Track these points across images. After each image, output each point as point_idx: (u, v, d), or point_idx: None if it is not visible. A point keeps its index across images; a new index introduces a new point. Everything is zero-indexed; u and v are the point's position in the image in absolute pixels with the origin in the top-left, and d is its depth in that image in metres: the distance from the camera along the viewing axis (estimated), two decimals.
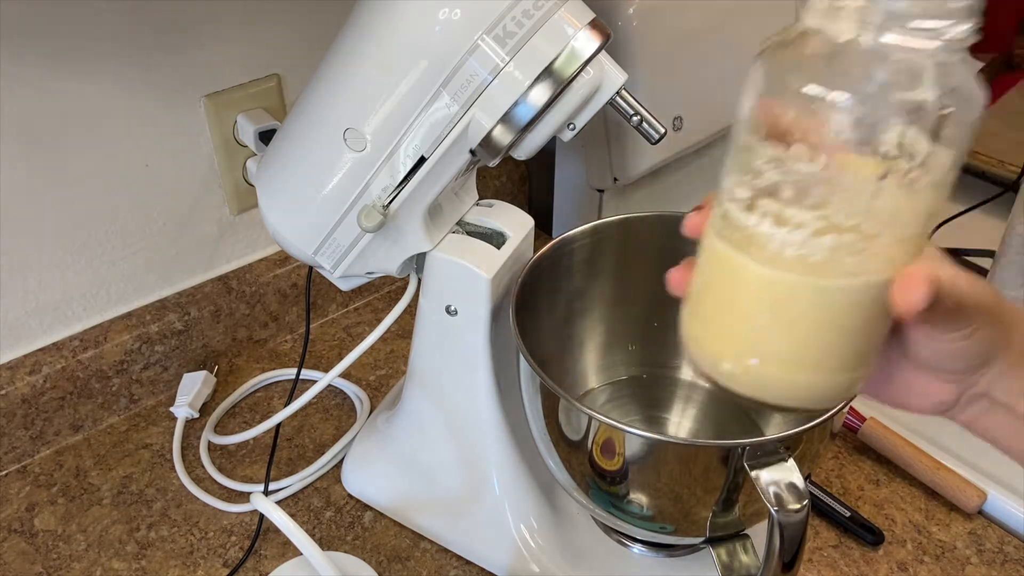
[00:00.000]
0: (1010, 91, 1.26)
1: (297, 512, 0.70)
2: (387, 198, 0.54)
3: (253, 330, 0.85)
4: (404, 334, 0.87)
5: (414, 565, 0.66)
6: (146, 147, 0.73)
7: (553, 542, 0.64)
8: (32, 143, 0.66)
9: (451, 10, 0.48)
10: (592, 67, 0.50)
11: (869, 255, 0.32)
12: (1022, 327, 0.39)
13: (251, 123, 0.74)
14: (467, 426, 0.63)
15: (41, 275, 0.71)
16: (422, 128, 0.51)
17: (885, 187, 0.31)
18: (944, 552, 0.67)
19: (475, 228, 0.61)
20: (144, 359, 0.78)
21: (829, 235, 0.32)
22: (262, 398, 0.82)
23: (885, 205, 0.32)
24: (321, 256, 0.58)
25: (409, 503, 0.68)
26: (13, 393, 0.71)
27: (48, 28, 0.64)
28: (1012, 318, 0.38)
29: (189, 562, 0.66)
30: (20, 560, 0.67)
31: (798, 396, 0.36)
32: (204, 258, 0.81)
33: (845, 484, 0.72)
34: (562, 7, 0.49)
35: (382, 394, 0.81)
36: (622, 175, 0.86)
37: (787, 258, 0.33)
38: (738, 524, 0.55)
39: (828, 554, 0.67)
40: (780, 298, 0.34)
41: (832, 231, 0.32)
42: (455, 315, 0.59)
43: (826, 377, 0.36)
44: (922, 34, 0.29)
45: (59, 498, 0.71)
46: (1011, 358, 0.39)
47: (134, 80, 0.69)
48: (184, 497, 0.71)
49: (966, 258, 0.94)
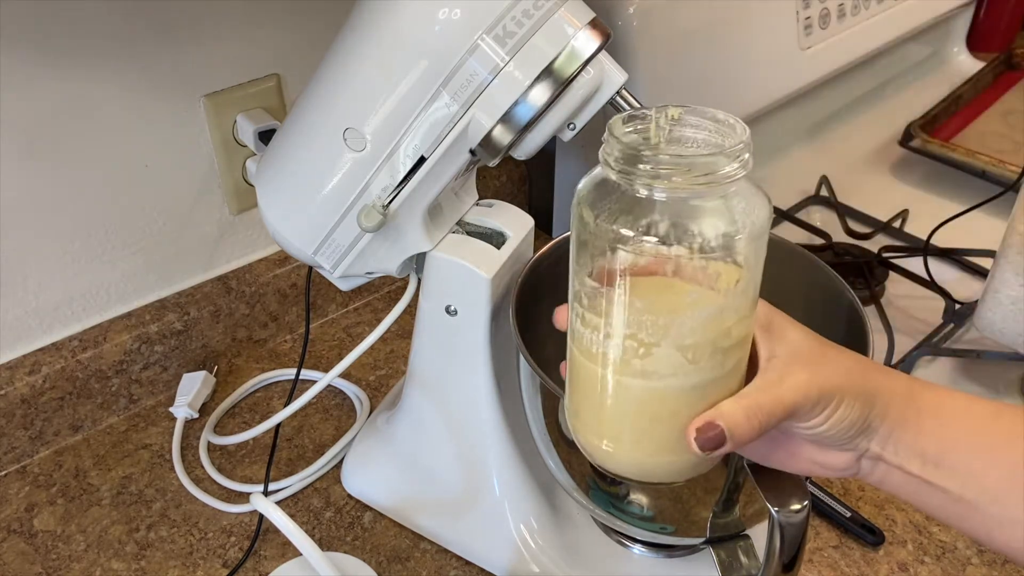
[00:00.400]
0: (1010, 91, 1.26)
1: (297, 512, 0.70)
2: (387, 198, 0.54)
3: (253, 330, 0.85)
4: (404, 334, 0.87)
5: (414, 565, 0.66)
6: (146, 147, 0.73)
7: (553, 542, 0.64)
8: (32, 143, 0.66)
9: (451, 10, 0.48)
10: (592, 67, 0.50)
11: (654, 359, 0.37)
12: (896, 393, 0.40)
13: (251, 123, 0.74)
14: (467, 426, 0.63)
15: (41, 275, 0.71)
16: (422, 128, 0.51)
17: (661, 303, 0.36)
18: (945, 552, 0.67)
19: (475, 228, 0.61)
20: (144, 359, 0.78)
21: (614, 339, 0.37)
22: (262, 398, 0.82)
23: (659, 318, 0.36)
24: (321, 256, 0.58)
25: (409, 503, 0.68)
26: (12, 393, 0.71)
27: (48, 28, 0.63)
28: (880, 388, 0.40)
29: (189, 562, 0.66)
30: (19, 560, 0.67)
31: (653, 474, 0.41)
32: (204, 258, 0.81)
33: (845, 484, 0.72)
34: (562, 7, 0.49)
35: (382, 394, 0.81)
36: None
37: (596, 355, 0.38)
38: (738, 524, 0.55)
39: (828, 554, 0.67)
40: (605, 389, 0.39)
41: (616, 336, 0.37)
42: (455, 315, 0.59)
43: (669, 458, 0.40)
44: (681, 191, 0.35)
45: (58, 498, 0.71)
46: (890, 422, 0.40)
47: (134, 80, 0.69)
48: (184, 497, 0.71)
49: (966, 258, 0.95)
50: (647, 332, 0.37)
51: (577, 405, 0.42)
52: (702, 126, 0.37)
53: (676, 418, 0.38)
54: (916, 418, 0.40)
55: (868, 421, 0.40)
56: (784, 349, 0.40)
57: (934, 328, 0.85)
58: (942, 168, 1.08)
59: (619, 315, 0.37)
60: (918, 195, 1.07)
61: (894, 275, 0.91)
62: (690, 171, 0.34)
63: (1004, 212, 0.76)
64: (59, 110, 0.67)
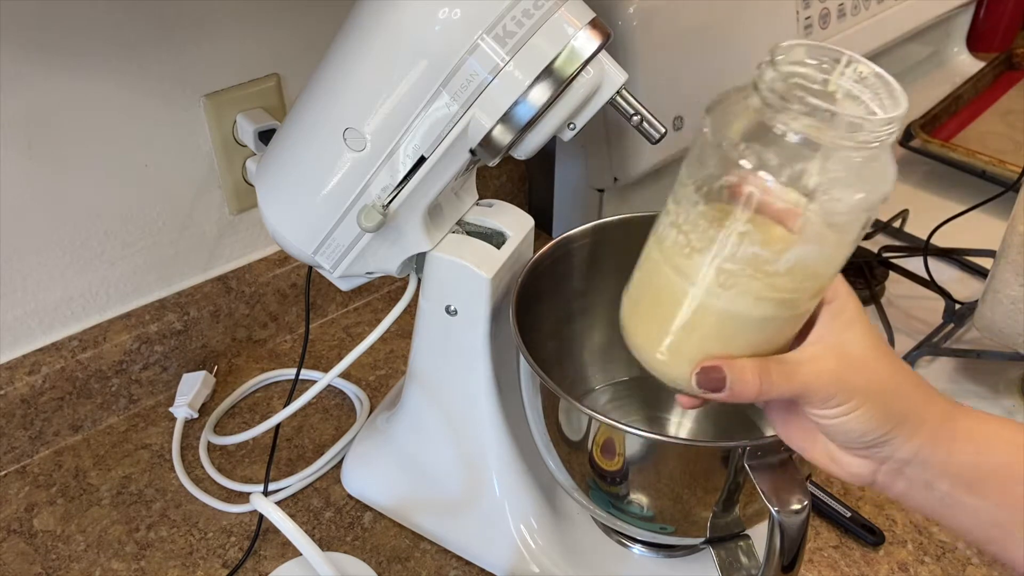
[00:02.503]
0: (1010, 91, 1.26)
1: (297, 512, 0.70)
2: (387, 198, 0.54)
3: (253, 330, 0.85)
4: (404, 334, 0.87)
5: (414, 565, 0.66)
6: (146, 147, 0.73)
7: (553, 542, 0.64)
8: (31, 143, 0.66)
9: (451, 10, 0.48)
10: (592, 67, 0.50)
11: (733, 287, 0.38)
12: (931, 415, 0.40)
13: (251, 123, 0.74)
14: (467, 426, 0.63)
15: (40, 275, 0.71)
16: (422, 128, 0.51)
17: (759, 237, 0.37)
18: (945, 552, 0.67)
19: (475, 228, 0.61)
20: (143, 359, 0.78)
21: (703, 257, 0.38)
22: (262, 398, 0.82)
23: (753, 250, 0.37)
24: (321, 256, 0.58)
25: (409, 503, 0.68)
26: (12, 393, 0.71)
27: (48, 28, 0.63)
28: (914, 409, 0.40)
29: (188, 563, 0.66)
30: (19, 560, 0.66)
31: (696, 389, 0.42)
32: (204, 258, 0.81)
33: (846, 484, 0.72)
34: (562, 7, 0.48)
35: (382, 394, 0.81)
36: (622, 175, 0.86)
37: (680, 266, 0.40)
38: (738, 524, 0.55)
39: (829, 554, 0.67)
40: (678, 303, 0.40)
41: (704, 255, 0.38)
42: (455, 315, 0.59)
43: None
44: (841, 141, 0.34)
45: (58, 498, 0.71)
46: (920, 441, 0.40)
47: (133, 80, 0.69)
48: (183, 497, 0.71)
49: (966, 258, 0.94)
50: (735, 261, 0.38)
51: (640, 308, 0.43)
52: (870, 86, 0.37)
53: (729, 344, 0.40)
54: (949, 441, 0.40)
55: (888, 438, 0.40)
56: (833, 339, 0.40)
57: (934, 328, 0.85)
58: (942, 168, 1.08)
59: (714, 236, 0.38)
60: (918, 195, 1.07)
61: (894, 275, 0.91)
62: (841, 128, 0.34)
63: (1004, 212, 0.76)
64: (59, 110, 0.67)
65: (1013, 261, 0.71)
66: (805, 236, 0.37)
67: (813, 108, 0.34)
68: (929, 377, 0.79)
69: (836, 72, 0.37)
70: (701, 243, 0.38)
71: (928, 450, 0.40)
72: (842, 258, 0.39)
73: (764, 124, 0.35)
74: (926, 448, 0.40)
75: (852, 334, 0.40)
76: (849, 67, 0.37)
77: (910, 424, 0.40)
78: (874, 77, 0.37)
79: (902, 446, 0.40)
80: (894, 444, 0.40)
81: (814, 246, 0.37)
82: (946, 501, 0.40)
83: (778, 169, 0.35)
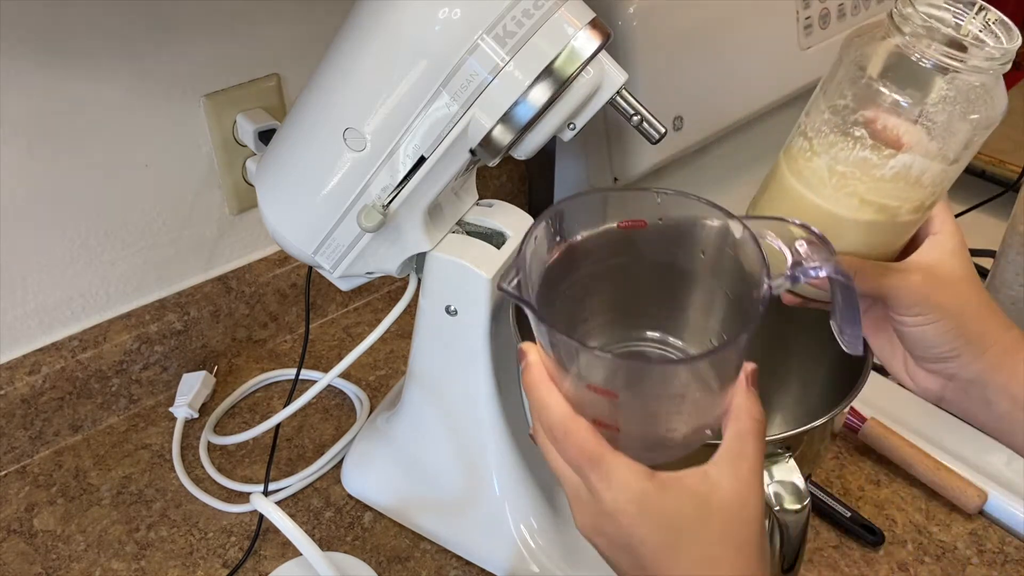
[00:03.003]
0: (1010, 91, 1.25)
1: (297, 512, 0.70)
2: (387, 198, 0.54)
3: (253, 330, 0.85)
4: (404, 334, 0.87)
5: (414, 565, 0.66)
6: (146, 147, 0.73)
7: (553, 542, 0.64)
8: (31, 143, 0.66)
9: (451, 10, 0.48)
10: (592, 67, 0.50)
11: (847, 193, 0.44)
12: (1002, 340, 0.45)
13: (251, 123, 0.74)
14: (467, 426, 0.63)
15: (41, 275, 0.71)
16: (422, 128, 0.51)
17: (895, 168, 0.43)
18: (945, 553, 0.67)
19: (475, 228, 0.61)
20: (143, 359, 0.78)
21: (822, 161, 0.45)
22: (262, 398, 0.82)
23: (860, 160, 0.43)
24: (321, 256, 0.58)
25: (409, 503, 0.68)
26: (12, 393, 0.71)
27: (48, 28, 0.63)
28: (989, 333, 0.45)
29: (189, 562, 0.66)
30: (19, 560, 0.66)
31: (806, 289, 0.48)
32: (204, 258, 0.81)
33: (846, 484, 0.72)
34: (562, 7, 0.48)
35: (382, 394, 0.81)
36: (622, 175, 0.86)
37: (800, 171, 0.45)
38: None
39: (828, 554, 0.67)
40: (798, 203, 0.46)
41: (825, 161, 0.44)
42: (455, 315, 0.59)
43: None
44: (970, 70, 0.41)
45: (58, 498, 0.71)
46: (986, 363, 0.45)
47: (133, 80, 0.69)
48: (184, 497, 0.71)
49: None
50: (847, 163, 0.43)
51: (759, 207, 0.49)
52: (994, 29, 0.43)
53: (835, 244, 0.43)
54: (1012, 365, 0.45)
55: (957, 353, 0.45)
56: (929, 261, 0.45)
57: None
58: None
59: (834, 141, 0.44)
60: None
61: None
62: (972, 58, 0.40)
63: (1004, 212, 0.76)
64: (59, 110, 0.67)
65: (1013, 261, 0.71)
66: (913, 148, 0.42)
67: (949, 39, 0.41)
68: None
69: (968, 18, 0.42)
70: (821, 147, 0.44)
71: (992, 372, 0.44)
72: (945, 177, 0.44)
73: (900, 54, 0.41)
74: (990, 370, 0.44)
75: (948, 262, 0.45)
76: (980, 13, 0.42)
77: (979, 345, 0.44)
78: (998, 23, 0.43)
79: (969, 365, 0.44)
80: (961, 361, 0.44)
81: (919, 157, 0.42)
82: (1005, 419, 0.45)
83: (907, 93, 0.41)
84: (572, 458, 0.38)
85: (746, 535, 0.37)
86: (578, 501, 0.39)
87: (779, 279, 0.38)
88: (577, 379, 0.38)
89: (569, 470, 0.39)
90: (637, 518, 0.37)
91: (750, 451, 0.38)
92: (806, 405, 0.60)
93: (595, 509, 0.38)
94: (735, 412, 0.39)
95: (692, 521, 0.37)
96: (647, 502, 0.37)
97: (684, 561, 0.37)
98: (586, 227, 0.43)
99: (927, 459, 0.71)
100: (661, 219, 0.42)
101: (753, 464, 0.38)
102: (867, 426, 0.73)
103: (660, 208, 0.42)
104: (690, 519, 0.37)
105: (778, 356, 0.60)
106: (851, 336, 0.42)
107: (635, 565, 0.38)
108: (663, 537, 0.37)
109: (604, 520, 0.38)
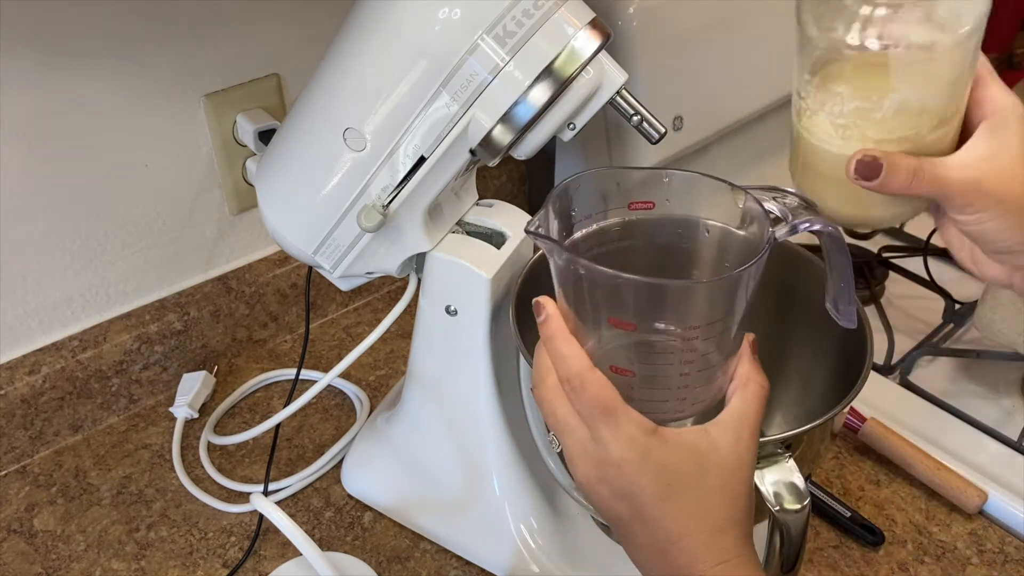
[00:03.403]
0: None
1: (297, 512, 0.70)
2: (387, 198, 0.54)
3: (253, 330, 0.85)
4: (404, 334, 0.87)
5: (414, 565, 0.66)
6: (146, 147, 0.73)
7: (553, 542, 0.64)
8: (32, 143, 0.66)
9: (451, 10, 0.48)
10: (592, 67, 0.50)
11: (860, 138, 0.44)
12: None
13: (251, 123, 0.74)
14: (467, 426, 0.63)
15: (41, 275, 0.71)
16: (422, 128, 0.51)
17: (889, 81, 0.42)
18: (945, 552, 0.67)
19: (475, 228, 0.61)
20: (144, 359, 0.78)
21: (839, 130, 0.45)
22: (262, 398, 0.82)
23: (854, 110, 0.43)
24: (321, 256, 0.58)
25: (409, 503, 0.68)
26: (12, 393, 0.71)
27: (48, 29, 0.63)
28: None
29: (188, 562, 0.66)
30: (19, 560, 0.67)
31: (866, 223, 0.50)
32: (204, 258, 0.81)
33: (846, 484, 0.72)
34: (562, 7, 0.49)
35: (382, 394, 0.81)
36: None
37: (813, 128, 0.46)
38: None
39: (828, 554, 0.67)
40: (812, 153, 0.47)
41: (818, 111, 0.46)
42: (455, 315, 0.59)
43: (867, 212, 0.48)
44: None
45: (58, 498, 0.71)
46: None
47: (133, 80, 0.69)
48: (184, 497, 0.71)
49: None
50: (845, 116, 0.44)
51: (791, 163, 0.50)
52: None
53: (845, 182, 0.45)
54: None
55: (1021, 248, 0.43)
56: (985, 150, 0.43)
57: (934, 328, 0.85)
58: None
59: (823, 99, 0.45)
60: None
61: (894, 275, 0.91)
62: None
63: None
64: (59, 110, 0.67)
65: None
66: (898, 78, 0.42)
67: None
68: (929, 377, 0.80)
69: None
70: (815, 105, 0.45)
71: None
72: (948, 90, 0.43)
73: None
74: None
75: (1008, 147, 0.43)
76: None
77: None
78: None
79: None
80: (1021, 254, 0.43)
81: (909, 85, 0.42)
82: None
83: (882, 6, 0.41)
84: (586, 407, 0.40)
85: (739, 490, 0.41)
86: (582, 452, 0.41)
87: (780, 227, 0.41)
88: (595, 316, 0.41)
89: (576, 419, 0.41)
90: (640, 467, 0.39)
91: (752, 415, 0.41)
92: (806, 405, 0.60)
93: (600, 458, 0.40)
94: (742, 378, 0.42)
95: (689, 475, 0.40)
96: (651, 454, 0.39)
97: (679, 508, 0.40)
98: (595, 207, 0.45)
99: (927, 459, 0.71)
100: (668, 200, 0.44)
101: (754, 429, 0.41)
102: (867, 426, 0.73)
103: (667, 188, 0.44)
104: (688, 473, 0.40)
105: (778, 357, 0.60)
106: (845, 312, 0.45)
107: (633, 513, 0.40)
108: (662, 487, 0.40)
109: (609, 469, 0.40)
